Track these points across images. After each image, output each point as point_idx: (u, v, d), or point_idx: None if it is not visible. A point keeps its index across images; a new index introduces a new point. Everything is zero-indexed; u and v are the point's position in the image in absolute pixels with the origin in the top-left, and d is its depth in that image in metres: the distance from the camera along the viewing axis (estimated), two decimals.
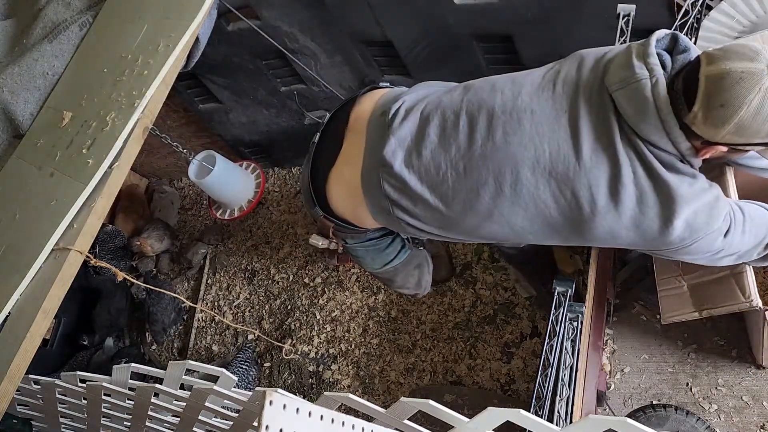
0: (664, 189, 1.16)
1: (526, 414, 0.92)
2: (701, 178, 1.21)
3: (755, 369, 1.87)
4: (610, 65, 1.21)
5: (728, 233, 1.23)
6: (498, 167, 1.25)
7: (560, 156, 1.20)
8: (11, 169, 1.71)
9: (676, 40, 1.20)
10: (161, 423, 1.76)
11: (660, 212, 1.17)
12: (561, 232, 1.29)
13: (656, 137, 1.14)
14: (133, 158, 1.50)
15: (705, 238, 1.20)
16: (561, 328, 1.60)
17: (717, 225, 1.20)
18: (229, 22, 2.14)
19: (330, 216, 1.53)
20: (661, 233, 1.19)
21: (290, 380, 2.55)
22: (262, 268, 2.89)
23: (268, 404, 0.70)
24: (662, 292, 1.61)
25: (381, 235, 1.62)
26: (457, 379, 2.26)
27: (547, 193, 1.22)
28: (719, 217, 1.20)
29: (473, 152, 1.28)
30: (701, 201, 1.18)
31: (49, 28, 1.83)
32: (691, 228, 1.18)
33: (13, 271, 1.39)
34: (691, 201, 1.16)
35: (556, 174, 1.21)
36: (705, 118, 1.09)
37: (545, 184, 1.22)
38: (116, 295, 2.86)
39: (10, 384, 1.26)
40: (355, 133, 1.49)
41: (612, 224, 1.21)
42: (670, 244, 1.22)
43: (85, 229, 1.38)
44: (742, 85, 1.04)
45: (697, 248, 1.23)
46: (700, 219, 1.18)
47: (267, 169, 3.09)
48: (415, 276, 1.84)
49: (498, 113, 1.27)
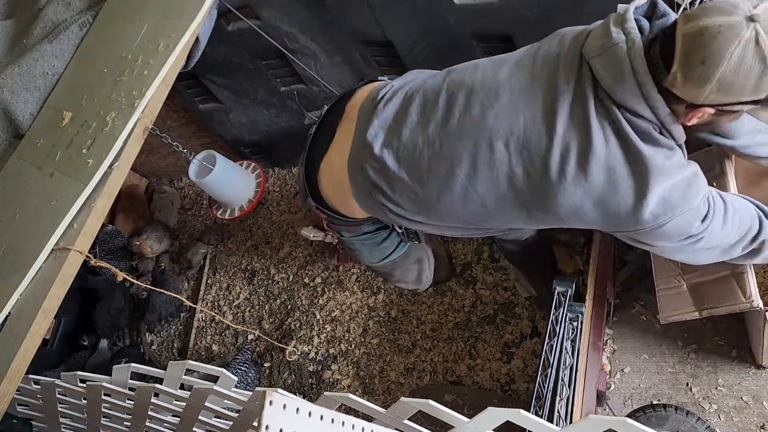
0: (638, 159, 1.11)
1: (526, 414, 0.92)
2: (679, 152, 1.16)
3: (755, 369, 1.87)
4: (588, 36, 1.19)
5: (707, 218, 1.18)
6: (474, 141, 1.24)
7: (534, 127, 1.18)
8: (11, 169, 1.71)
9: (654, 6, 1.17)
10: (161, 423, 1.76)
11: (633, 185, 1.12)
12: (529, 208, 1.25)
13: (633, 102, 1.10)
14: (133, 158, 1.50)
15: (680, 217, 1.15)
16: (561, 328, 1.60)
17: (694, 203, 1.14)
18: (229, 22, 2.14)
19: (322, 207, 1.53)
20: (634, 209, 1.14)
21: (290, 380, 2.55)
22: (262, 268, 2.89)
23: (268, 404, 0.70)
24: (661, 291, 1.61)
25: (376, 229, 1.61)
26: (457, 379, 2.26)
27: (520, 166, 1.20)
28: (697, 196, 1.15)
29: (450, 127, 1.27)
30: (678, 176, 1.12)
31: (49, 28, 1.83)
32: (666, 204, 1.13)
33: (13, 271, 1.39)
34: (666, 174, 1.11)
35: (529, 145, 1.18)
36: (685, 78, 1.05)
37: (517, 157, 1.20)
38: (115, 295, 2.86)
39: (10, 384, 1.26)
40: (348, 120, 1.50)
41: (582, 197, 1.16)
42: (643, 223, 1.16)
43: (85, 229, 1.39)
44: (721, 39, 1.00)
45: (672, 229, 1.17)
46: (676, 194, 1.13)
47: (267, 169, 3.09)
48: (415, 271, 1.83)
49: (477, 89, 1.26)
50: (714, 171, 1.55)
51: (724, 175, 1.53)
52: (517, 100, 1.21)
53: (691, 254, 1.27)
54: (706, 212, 1.18)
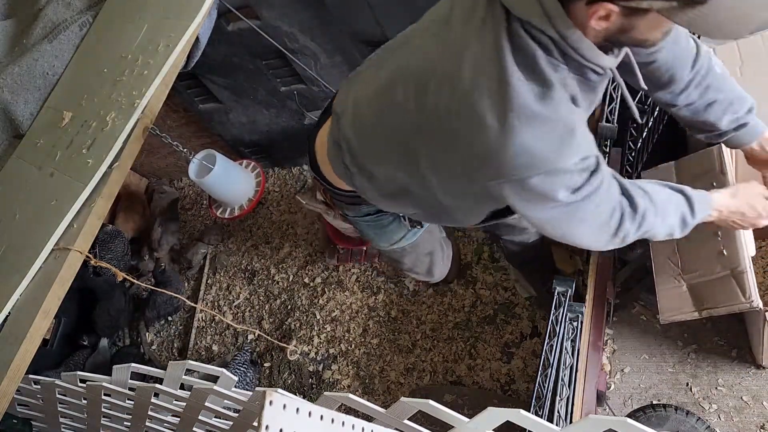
0: (506, 89, 0.94)
1: (526, 414, 0.92)
2: (559, 96, 0.96)
3: (755, 369, 1.87)
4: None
5: (580, 190, 1.03)
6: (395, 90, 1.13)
7: (434, 61, 1.06)
8: (11, 169, 1.71)
9: None
10: (161, 423, 1.76)
11: (497, 118, 0.96)
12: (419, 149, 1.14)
13: (530, 12, 0.93)
14: (133, 158, 1.50)
15: (545, 177, 1.00)
16: (561, 328, 1.60)
17: (563, 165, 0.99)
18: (229, 22, 2.14)
19: (317, 176, 1.51)
20: (497, 146, 0.98)
21: (290, 380, 2.55)
22: (262, 268, 2.90)
23: (268, 404, 0.70)
24: (661, 291, 1.61)
25: (377, 211, 1.59)
26: (457, 379, 2.27)
27: (436, 103, 1.05)
28: (569, 156, 0.99)
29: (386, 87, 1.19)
30: (549, 124, 0.96)
31: (49, 28, 1.83)
32: (529, 154, 0.97)
33: (13, 271, 1.40)
34: (535, 117, 0.95)
35: (418, 80, 1.08)
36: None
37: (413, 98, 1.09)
38: (115, 295, 2.86)
39: (10, 384, 1.27)
40: None
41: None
42: (507, 168, 1.00)
43: (85, 229, 1.39)
44: None
45: (536, 188, 1.02)
46: (541, 146, 0.97)
47: (267, 169, 3.09)
48: (426, 262, 1.79)
49: (403, 41, 1.22)
50: (714, 171, 1.56)
51: (724, 175, 1.53)
52: (426, 43, 1.11)
53: (559, 227, 1.13)
54: (582, 184, 1.03)
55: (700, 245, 1.55)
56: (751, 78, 1.62)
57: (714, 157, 1.56)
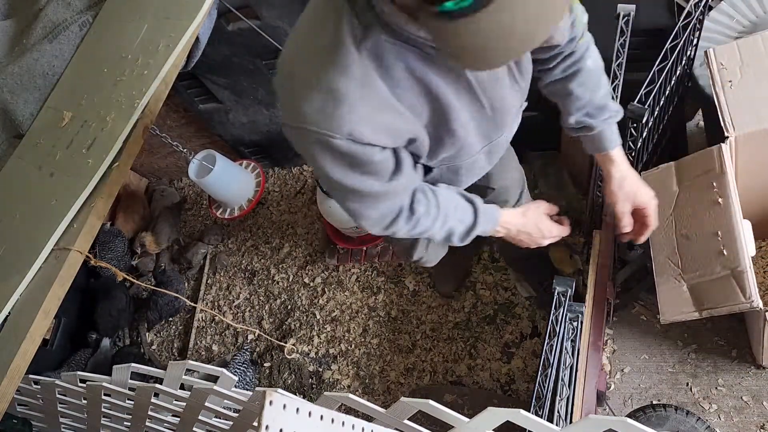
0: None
1: (526, 414, 0.92)
2: (343, 69, 0.90)
3: (755, 369, 1.87)
4: None
5: (319, 158, 0.99)
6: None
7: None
8: (11, 169, 1.71)
9: None
10: (161, 423, 1.76)
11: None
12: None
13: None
14: (133, 158, 1.50)
15: (297, 141, 1.01)
16: (561, 328, 1.60)
17: (294, 123, 0.99)
18: (229, 22, 2.14)
19: None
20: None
21: (290, 380, 2.55)
22: (262, 268, 2.89)
23: (268, 404, 0.70)
24: (661, 291, 1.61)
25: None
26: (457, 379, 2.27)
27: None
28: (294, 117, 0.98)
29: None
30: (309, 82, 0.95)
31: (49, 28, 1.83)
32: (283, 107, 1.01)
33: (13, 271, 1.40)
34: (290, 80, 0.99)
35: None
36: None
37: None
38: (116, 295, 2.86)
39: (10, 384, 1.27)
40: None
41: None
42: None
43: (85, 229, 1.39)
44: None
45: (306, 155, 1.03)
46: (284, 100, 1.01)
47: (267, 169, 3.09)
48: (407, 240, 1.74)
49: None
50: (714, 171, 1.56)
51: (724, 175, 1.53)
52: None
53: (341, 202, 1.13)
54: (317, 150, 1.00)
55: (700, 245, 1.55)
56: (751, 78, 1.62)
57: (714, 157, 1.56)
